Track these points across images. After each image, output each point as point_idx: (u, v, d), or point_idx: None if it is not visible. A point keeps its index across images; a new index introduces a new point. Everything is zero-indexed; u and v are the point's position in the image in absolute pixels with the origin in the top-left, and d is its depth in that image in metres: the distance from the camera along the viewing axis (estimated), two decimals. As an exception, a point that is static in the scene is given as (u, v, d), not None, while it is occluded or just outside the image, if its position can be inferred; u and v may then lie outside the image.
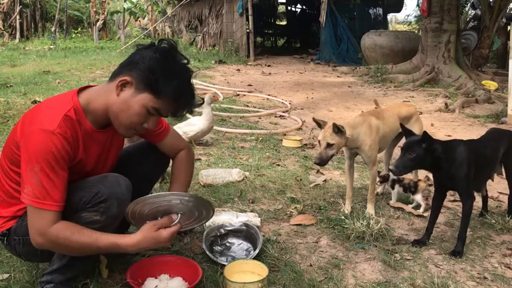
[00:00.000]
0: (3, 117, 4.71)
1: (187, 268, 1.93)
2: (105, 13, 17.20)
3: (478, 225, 2.61)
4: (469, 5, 13.79)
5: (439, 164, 2.23)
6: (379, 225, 2.41)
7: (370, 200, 2.73)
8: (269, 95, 7.25)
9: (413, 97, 7.39)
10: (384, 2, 14.61)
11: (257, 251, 2.13)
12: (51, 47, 13.67)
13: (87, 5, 18.38)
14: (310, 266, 2.13)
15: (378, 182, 2.92)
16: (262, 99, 6.97)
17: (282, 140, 4.41)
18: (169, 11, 16.88)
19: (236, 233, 2.34)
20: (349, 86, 8.63)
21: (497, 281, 2.04)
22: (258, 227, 2.42)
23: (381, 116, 2.78)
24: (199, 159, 3.70)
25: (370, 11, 14.72)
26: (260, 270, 1.96)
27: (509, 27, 10.45)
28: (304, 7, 20.02)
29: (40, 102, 2.10)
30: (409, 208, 2.81)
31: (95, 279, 1.88)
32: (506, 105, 5.73)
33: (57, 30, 16.48)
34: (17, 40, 15.46)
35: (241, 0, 12.83)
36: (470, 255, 2.26)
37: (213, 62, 11.68)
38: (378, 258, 2.21)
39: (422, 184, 2.83)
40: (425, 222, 2.47)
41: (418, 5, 11.99)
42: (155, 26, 17.71)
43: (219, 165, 3.57)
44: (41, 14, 17.86)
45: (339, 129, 2.45)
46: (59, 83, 7.31)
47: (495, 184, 3.04)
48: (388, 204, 2.90)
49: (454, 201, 2.95)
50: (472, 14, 12.27)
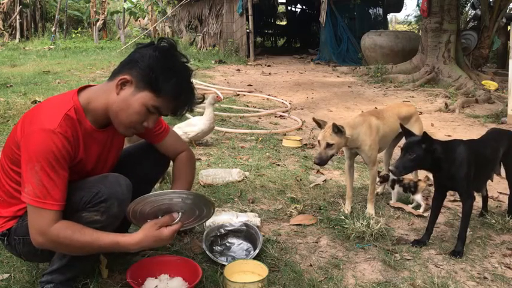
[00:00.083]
0: (3, 117, 4.71)
1: (187, 268, 1.93)
2: (105, 13, 17.20)
3: (478, 225, 2.61)
4: (469, 5, 13.80)
5: (439, 164, 2.23)
6: (379, 225, 2.41)
7: (370, 200, 2.73)
8: (269, 95, 7.25)
9: (413, 97, 7.39)
10: (384, 2, 14.61)
11: (257, 251, 2.13)
12: (51, 47, 13.67)
13: (87, 5, 18.38)
14: (310, 266, 2.13)
15: (378, 182, 2.92)
16: (262, 99, 6.97)
17: (282, 140, 4.41)
18: (169, 11, 16.88)
19: (236, 233, 2.34)
20: (349, 86, 8.63)
21: (497, 281, 2.04)
22: (258, 227, 2.42)
23: (380, 116, 2.78)
24: (199, 159, 3.70)
25: (370, 11, 14.73)
26: (260, 270, 1.96)
27: (509, 27, 10.45)
28: (304, 7, 20.02)
29: (40, 102, 2.09)
30: (409, 208, 2.81)
31: (95, 279, 1.88)
32: (506, 105, 5.74)
33: (57, 30, 16.48)
34: (17, 40, 15.46)
35: (241, 0, 12.84)
36: (470, 255, 2.26)
37: (213, 62, 11.68)
38: (377, 258, 2.21)
39: (422, 184, 2.83)
40: (425, 222, 2.47)
41: (418, 5, 11.99)
42: (155, 26, 17.69)
43: (219, 165, 3.57)
44: (41, 14, 17.86)
45: (338, 129, 2.45)
46: (59, 83, 7.31)
47: (495, 184, 3.05)
48: (388, 204, 2.90)
49: (454, 201, 2.95)
50: (472, 14, 12.27)
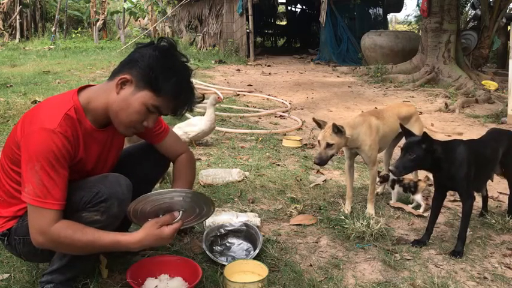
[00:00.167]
0: (3, 117, 4.71)
1: (187, 268, 1.93)
2: (105, 13, 17.20)
3: (478, 225, 2.61)
4: (469, 5, 13.80)
5: (439, 165, 2.23)
6: (379, 225, 2.41)
7: (370, 200, 2.73)
8: (269, 95, 7.25)
9: (413, 97, 7.39)
10: (384, 2, 14.61)
11: (257, 251, 2.13)
12: (51, 47, 13.67)
13: (87, 5, 18.38)
14: (310, 266, 2.13)
15: (378, 182, 2.92)
16: (262, 99, 6.97)
17: (282, 140, 4.41)
18: (169, 11, 16.88)
19: (236, 233, 2.34)
20: (349, 86, 8.63)
21: (497, 281, 2.04)
22: (258, 227, 2.42)
23: (380, 116, 2.78)
24: (199, 159, 3.70)
25: (370, 11, 14.73)
26: (260, 270, 1.96)
27: (509, 27, 10.45)
28: (304, 7, 20.02)
29: (40, 102, 2.09)
30: (409, 208, 2.81)
31: (95, 279, 1.88)
32: (506, 105, 5.74)
33: (57, 30, 16.48)
34: (17, 40, 15.46)
35: (241, 0, 12.84)
36: (470, 255, 2.26)
37: (213, 62, 11.68)
38: (378, 258, 2.21)
39: (422, 184, 2.83)
40: (425, 222, 2.47)
41: (418, 5, 11.99)
42: (155, 26, 17.70)
43: (219, 165, 3.57)
44: (41, 14, 17.86)
45: (338, 129, 2.45)
46: (59, 83, 7.31)
47: (495, 184, 3.05)
48: (388, 204, 2.90)
49: (454, 201, 2.95)
50: (472, 14, 12.28)
